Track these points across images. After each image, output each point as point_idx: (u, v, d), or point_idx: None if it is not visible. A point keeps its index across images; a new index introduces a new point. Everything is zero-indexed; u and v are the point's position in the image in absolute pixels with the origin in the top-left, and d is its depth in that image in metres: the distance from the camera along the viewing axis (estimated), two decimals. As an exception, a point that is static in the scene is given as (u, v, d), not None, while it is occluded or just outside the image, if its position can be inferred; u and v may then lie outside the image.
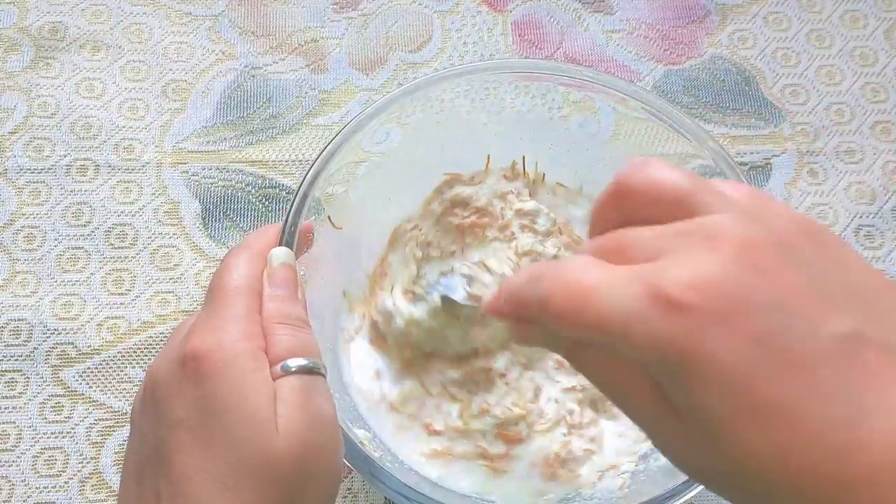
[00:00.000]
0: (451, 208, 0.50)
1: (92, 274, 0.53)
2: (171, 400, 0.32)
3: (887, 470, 0.21)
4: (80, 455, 0.49)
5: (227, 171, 0.56)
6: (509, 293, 0.28)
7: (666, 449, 0.26)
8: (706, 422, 0.23)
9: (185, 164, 0.56)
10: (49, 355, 0.51)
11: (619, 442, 0.46)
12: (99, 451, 0.49)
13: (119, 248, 0.54)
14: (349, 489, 0.49)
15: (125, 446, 0.50)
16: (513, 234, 0.49)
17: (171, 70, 0.59)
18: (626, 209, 0.27)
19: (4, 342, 0.51)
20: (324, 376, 0.34)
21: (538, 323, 0.26)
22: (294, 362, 0.33)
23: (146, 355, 0.51)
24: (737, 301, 0.22)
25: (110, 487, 0.48)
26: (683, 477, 0.39)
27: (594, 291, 0.24)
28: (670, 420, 0.24)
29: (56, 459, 0.49)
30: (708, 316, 0.22)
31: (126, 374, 0.51)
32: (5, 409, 0.50)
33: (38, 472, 0.49)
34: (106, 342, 0.51)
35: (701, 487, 0.38)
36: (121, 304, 0.52)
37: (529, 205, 0.50)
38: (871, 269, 0.25)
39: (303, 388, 0.32)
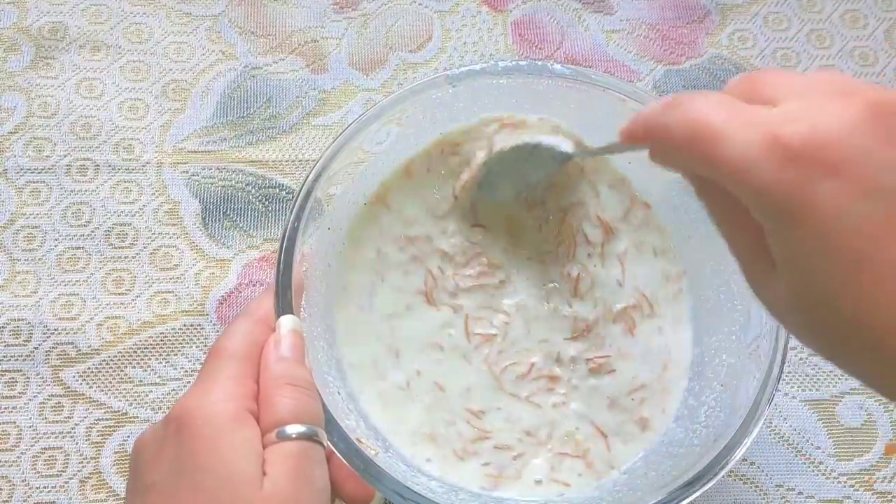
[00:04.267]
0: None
1: (92, 274, 0.53)
2: (147, 464, 0.32)
3: None
4: (80, 455, 0.49)
5: (227, 171, 0.56)
6: (644, 121, 0.29)
7: (755, 288, 0.27)
8: (797, 268, 0.24)
9: (185, 163, 0.56)
10: (49, 355, 0.51)
11: None
12: (99, 451, 0.49)
13: (119, 248, 0.54)
14: (349, 489, 0.49)
15: (125, 446, 0.50)
16: None
17: (171, 70, 0.59)
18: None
19: (4, 342, 0.51)
20: (322, 445, 0.34)
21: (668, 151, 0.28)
22: (293, 429, 0.33)
23: (146, 355, 0.51)
24: (856, 156, 0.23)
25: (110, 487, 0.49)
26: (681, 481, 0.39)
27: (718, 135, 0.25)
28: (764, 265, 0.26)
29: (56, 459, 0.49)
30: (822, 168, 0.23)
31: (126, 374, 0.51)
32: (5, 409, 0.50)
33: (38, 472, 0.49)
34: (106, 342, 0.51)
35: (701, 491, 0.39)
36: (121, 304, 0.52)
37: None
38: None
39: (298, 454, 0.32)
